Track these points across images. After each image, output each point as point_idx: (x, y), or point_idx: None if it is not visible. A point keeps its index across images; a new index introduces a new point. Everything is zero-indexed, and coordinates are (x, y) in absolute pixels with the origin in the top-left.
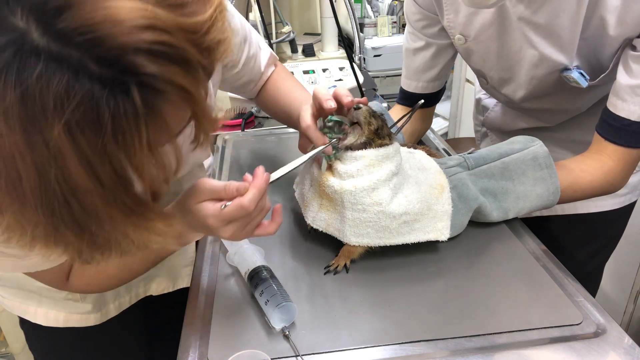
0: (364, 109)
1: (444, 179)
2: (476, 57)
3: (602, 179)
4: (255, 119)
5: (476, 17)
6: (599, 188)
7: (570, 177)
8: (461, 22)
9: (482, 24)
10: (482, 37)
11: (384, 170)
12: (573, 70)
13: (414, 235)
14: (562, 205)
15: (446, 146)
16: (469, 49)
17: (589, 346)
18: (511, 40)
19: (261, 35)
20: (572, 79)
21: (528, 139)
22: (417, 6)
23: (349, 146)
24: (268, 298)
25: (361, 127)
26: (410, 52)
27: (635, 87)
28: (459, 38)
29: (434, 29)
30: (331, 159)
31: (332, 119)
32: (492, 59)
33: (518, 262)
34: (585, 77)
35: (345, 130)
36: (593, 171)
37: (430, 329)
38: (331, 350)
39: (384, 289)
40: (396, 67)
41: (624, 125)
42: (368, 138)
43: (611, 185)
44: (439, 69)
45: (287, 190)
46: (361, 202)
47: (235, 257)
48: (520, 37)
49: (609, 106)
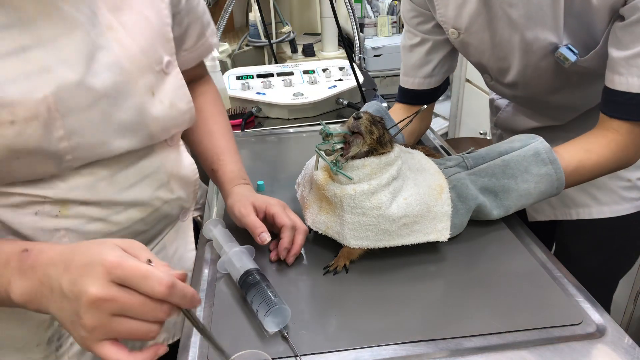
0: (364, 118)
1: (442, 179)
2: (472, 49)
3: (610, 156)
4: (255, 119)
5: (464, 9)
6: (608, 167)
7: (574, 160)
8: (452, 15)
9: (470, 15)
10: (473, 28)
11: (385, 175)
12: (562, 47)
13: (414, 237)
14: (577, 210)
15: (446, 146)
16: (464, 42)
17: (589, 346)
18: (500, 28)
19: (261, 35)
20: (561, 55)
21: (528, 137)
22: (412, 3)
23: (352, 156)
24: (257, 306)
25: (363, 137)
26: (407, 49)
27: (628, 58)
28: (452, 32)
29: (428, 25)
30: (334, 171)
31: (331, 132)
32: (487, 49)
33: (518, 262)
34: (574, 52)
35: (346, 139)
36: (599, 150)
37: (430, 329)
38: (331, 350)
39: (384, 289)
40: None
41: (627, 100)
42: (370, 147)
43: (624, 161)
44: (433, 65)
45: (288, 190)
46: (361, 206)
47: (225, 265)
48: (506, 23)
49: (607, 83)
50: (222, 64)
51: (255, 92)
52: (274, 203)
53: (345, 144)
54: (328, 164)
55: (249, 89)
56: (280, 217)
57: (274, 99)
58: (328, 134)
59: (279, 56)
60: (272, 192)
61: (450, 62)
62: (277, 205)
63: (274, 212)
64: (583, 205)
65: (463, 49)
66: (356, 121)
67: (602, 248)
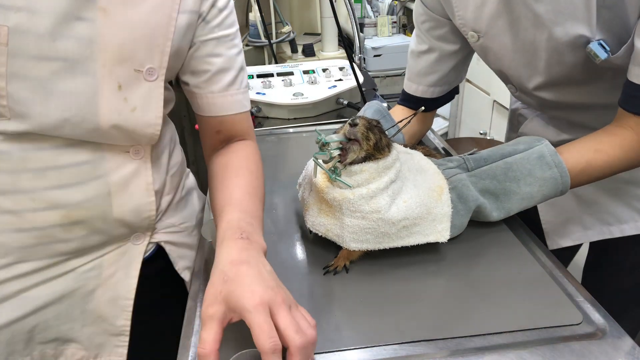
0: (360, 124)
1: (442, 180)
2: (492, 55)
3: (622, 156)
4: (255, 119)
5: (484, 9)
6: (618, 166)
7: (582, 161)
8: (471, 17)
9: (491, 15)
10: (493, 30)
11: (383, 179)
12: (593, 42)
13: (414, 239)
14: (622, 227)
15: (446, 146)
16: (484, 47)
17: (589, 346)
18: (522, 29)
19: (261, 35)
20: (591, 51)
21: (533, 139)
22: (424, 7)
23: (350, 162)
24: None
25: (360, 143)
26: (414, 55)
27: None
28: (471, 35)
29: (440, 31)
30: (333, 178)
31: (327, 140)
32: (508, 54)
33: (518, 262)
34: (606, 49)
35: (343, 146)
36: (609, 150)
37: (430, 329)
38: (330, 350)
39: (384, 289)
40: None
41: None
42: (368, 153)
43: (636, 160)
44: (440, 75)
45: (289, 190)
46: (360, 210)
47: None
48: (530, 22)
49: (630, 77)
50: None
51: (255, 92)
52: (255, 305)
53: (343, 150)
54: (327, 172)
55: (249, 89)
56: (257, 336)
57: (274, 99)
58: (325, 143)
59: (279, 56)
60: (272, 192)
61: (456, 74)
62: (257, 312)
63: (250, 323)
64: (629, 220)
65: (483, 54)
66: (352, 128)
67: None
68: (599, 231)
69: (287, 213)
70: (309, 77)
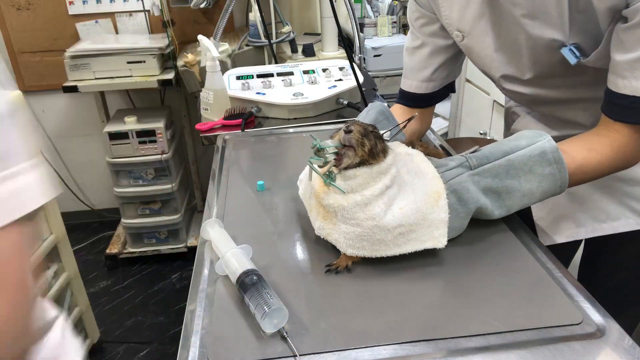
0: (355, 131)
1: (440, 185)
2: (474, 55)
3: (613, 156)
4: (255, 119)
5: (468, 10)
6: (610, 166)
7: (578, 159)
8: (456, 16)
9: (474, 16)
10: (476, 31)
11: (378, 185)
12: (564, 48)
13: (411, 245)
14: (613, 224)
15: (446, 146)
16: (468, 47)
17: (589, 346)
18: (505, 28)
19: (261, 35)
20: (563, 56)
21: (536, 134)
22: (416, 5)
23: (345, 167)
24: (254, 308)
25: (355, 149)
26: (408, 51)
27: (632, 62)
28: (456, 34)
29: (432, 27)
30: (327, 183)
31: (322, 146)
32: (490, 54)
33: (518, 262)
34: (576, 55)
35: (339, 151)
36: (602, 149)
37: (430, 329)
38: (330, 350)
39: (384, 289)
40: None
41: (630, 103)
42: (362, 159)
43: (626, 161)
44: (432, 69)
45: (289, 190)
46: (354, 217)
47: (222, 266)
48: (512, 22)
49: (610, 86)
50: (222, 64)
51: (255, 92)
52: None
53: (338, 155)
54: (321, 177)
55: (249, 89)
56: None
57: (274, 99)
58: (320, 148)
59: (279, 56)
60: (272, 192)
61: (450, 69)
62: None
63: None
64: (621, 217)
65: (468, 54)
66: (347, 135)
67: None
68: (591, 228)
69: (287, 213)
70: (309, 77)
